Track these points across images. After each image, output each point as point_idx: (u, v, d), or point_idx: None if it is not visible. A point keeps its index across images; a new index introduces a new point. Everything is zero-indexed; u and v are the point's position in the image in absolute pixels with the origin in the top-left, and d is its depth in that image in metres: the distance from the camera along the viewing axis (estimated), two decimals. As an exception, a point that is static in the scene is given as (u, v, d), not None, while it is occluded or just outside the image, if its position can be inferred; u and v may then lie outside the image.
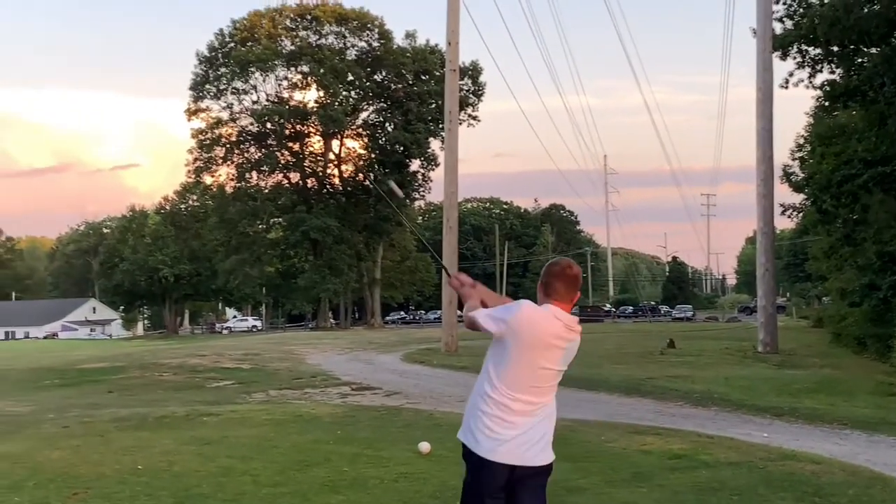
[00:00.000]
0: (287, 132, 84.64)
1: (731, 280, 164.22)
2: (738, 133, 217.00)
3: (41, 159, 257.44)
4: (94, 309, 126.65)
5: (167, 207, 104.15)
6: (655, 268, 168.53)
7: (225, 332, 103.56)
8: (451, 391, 17.62)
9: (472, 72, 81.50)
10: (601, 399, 16.52)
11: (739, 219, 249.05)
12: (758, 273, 30.52)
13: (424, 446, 9.83)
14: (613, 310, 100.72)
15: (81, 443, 11.15)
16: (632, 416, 13.84)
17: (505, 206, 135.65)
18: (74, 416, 14.35)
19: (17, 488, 8.43)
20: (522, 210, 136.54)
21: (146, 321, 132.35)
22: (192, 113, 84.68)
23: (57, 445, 10.96)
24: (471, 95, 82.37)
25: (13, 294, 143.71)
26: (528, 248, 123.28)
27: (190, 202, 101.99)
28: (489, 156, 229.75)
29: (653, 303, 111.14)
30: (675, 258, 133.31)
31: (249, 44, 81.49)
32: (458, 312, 32.44)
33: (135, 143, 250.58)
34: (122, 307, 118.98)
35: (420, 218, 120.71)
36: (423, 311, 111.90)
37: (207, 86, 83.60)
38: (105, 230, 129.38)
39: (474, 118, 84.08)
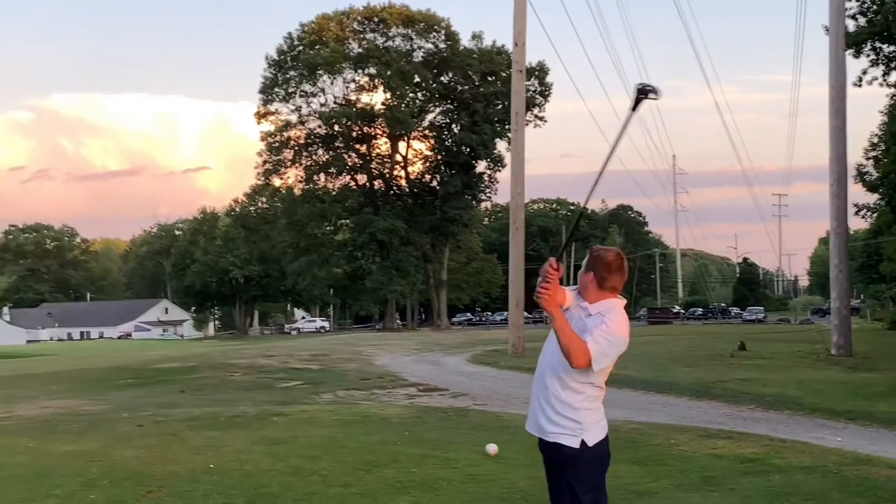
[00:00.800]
0: (354, 134, 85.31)
1: (804, 281, 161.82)
2: (810, 132, 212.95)
3: (115, 162, 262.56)
4: (166, 309, 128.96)
5: (237, 209, 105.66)
6: (726, 269, 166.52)
7: (293, 332, 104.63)
8: (519, 392, 17.56)
9: (539, 72, 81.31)
10: (670, 402, 16.33)
11: (812, 219, 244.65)
12: (831, 274, 29.91)
13: (492, 448, 9.82)
14: (682, 312, 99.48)
15: (155, 441, 11.35)
16: (702, 420, 13.66)
17: (572, 207, 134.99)
18: (148, 415, 14.60)
19: (92, 486, 8.61)
20: (590, 211, 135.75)
21: (217, 322, 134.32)
22: (261, 116, 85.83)
23: (131, 444, 11.18)
24: (537, 96, 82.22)
25: (88, 295, 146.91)
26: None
27: (259, 204, 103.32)
28: (556, 156, 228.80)
29: (723, 305, 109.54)
30: (745, 259, 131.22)
31: (317, 47, 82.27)
32: (525, 314, 32.30)
33: (205, 145, 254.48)
34: (193, 308, 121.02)
35: (486, 219, 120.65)
36: (489, 313, 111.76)
37: (276, 89, 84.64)
38: (177, 232, 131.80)
39: (541, 119, 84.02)
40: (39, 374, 27.79)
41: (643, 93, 4.17)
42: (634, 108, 4.19)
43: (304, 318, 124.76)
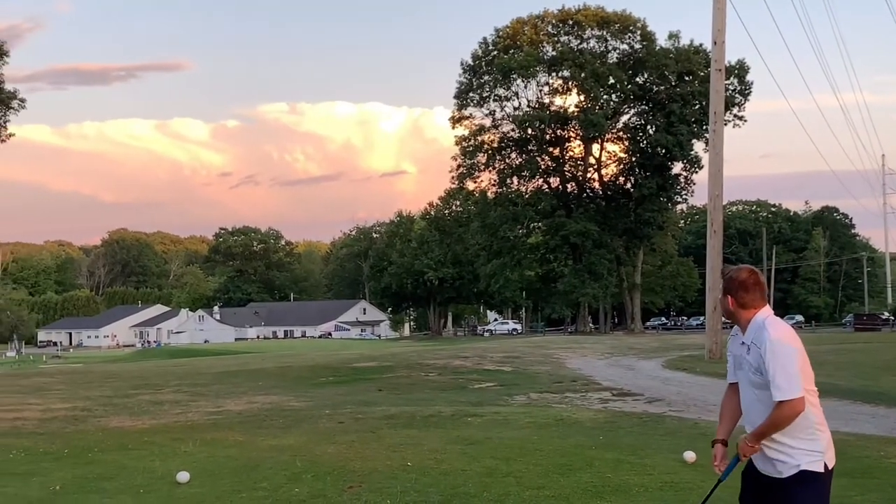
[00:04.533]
0: (547, 137, 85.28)
1: None
2: None
3: (317, 168, 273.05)
4: (364, 310, 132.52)
5: (432, 213, 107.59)
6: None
7: (486, 334, 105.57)
8: (716, 399, 17.06)
9: (739, 71, 79.00)
10: (879, 413, 15.53)
11: None
12: None
13: (689, 455, 9.65)
14: (892, 318, 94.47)
15: (355, 438, 11.73)
16: (914, 433, 12.95)
17: (773, 209, 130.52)
18: (348, 413, 15.09)
19: (296, 480, 9.00)
20: (791, 213, 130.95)
21: (412, 322, 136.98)
22: (456, 121, 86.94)
23: (332, 440, 11.59)
24: (737, 95, 79.89)
25: (291, 295, 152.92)
26: (798, 253, 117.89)
27: (453, 207, 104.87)
28: (755, 157, 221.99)
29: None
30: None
31: (512, 51, 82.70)
32: (723, 319, 31.46)
33: (402, 150, 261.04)
34: (389, 308, 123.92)
35: (682, 221, 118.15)
36: (684, 317, 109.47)
37: (471, 94, 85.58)
38: (374, 235, 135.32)
39: (740, 118, 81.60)
40: (247, 370, 29.15)
41: None
42: None
43: (496, 319, 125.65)
